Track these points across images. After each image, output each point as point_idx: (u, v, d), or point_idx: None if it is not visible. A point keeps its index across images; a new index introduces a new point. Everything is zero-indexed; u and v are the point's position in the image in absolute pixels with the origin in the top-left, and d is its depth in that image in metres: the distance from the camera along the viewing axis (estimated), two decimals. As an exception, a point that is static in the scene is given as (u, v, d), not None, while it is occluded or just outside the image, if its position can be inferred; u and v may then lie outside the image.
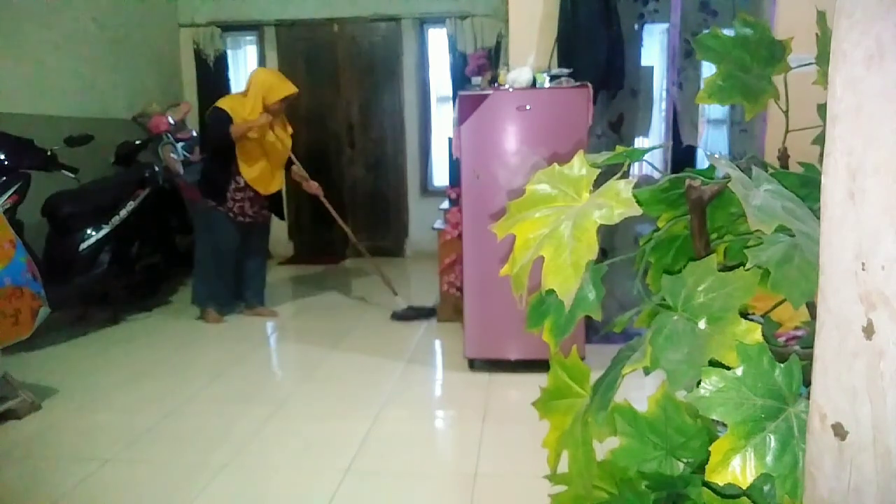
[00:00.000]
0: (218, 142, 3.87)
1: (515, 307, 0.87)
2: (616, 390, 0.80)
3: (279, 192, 4.23)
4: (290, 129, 4.16)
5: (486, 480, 2.26)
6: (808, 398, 0.61)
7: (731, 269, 0.75)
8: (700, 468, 0.79)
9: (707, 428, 0.86)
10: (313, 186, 4.24)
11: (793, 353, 0.69)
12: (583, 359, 0.96)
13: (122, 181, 4.33)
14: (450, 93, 5.86)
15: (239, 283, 4.28)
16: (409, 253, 6.38)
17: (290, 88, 3.93)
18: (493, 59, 5.49)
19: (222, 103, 3.86)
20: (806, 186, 0.86)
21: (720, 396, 0.66)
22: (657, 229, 0.94)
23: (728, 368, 0.68)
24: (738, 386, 0.67)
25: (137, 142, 4.76)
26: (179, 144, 5.18)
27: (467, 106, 3.04)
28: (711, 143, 5.08)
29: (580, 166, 0.79)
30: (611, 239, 3.98)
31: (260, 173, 3.98)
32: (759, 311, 0.91)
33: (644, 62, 4.76)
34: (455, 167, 3.65)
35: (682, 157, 4.41)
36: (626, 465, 0.89)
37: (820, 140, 0.93)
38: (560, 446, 0.93)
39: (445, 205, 4.35)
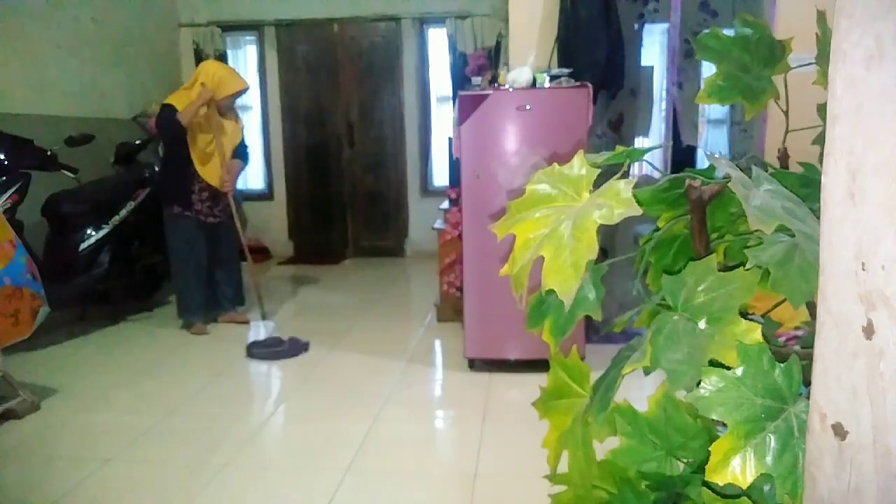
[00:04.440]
0: (169, 133, 3.73)
1: (515, 307, 0.87)
2: (616, 390, 0.80)
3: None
4: (241, 124, 4.08)
5: (486, 480, 2.26)
6: (808, 398, 0.61)
7: (731, 269, 0.75)
8: (700, 468, 0.79)
9: (707, 428, 0.86)
10: (227, 184, 3.91)
11: (793, 353, 0.69)
12: (583, 359, 0.96)
13: (122, 181, 4.33)
14: (450, 93, 5.86)
15: (214, 290, 4.11)
16: (409, 253, 6.38)
17: (240, 84, 3.83)
18: (493, 59, 5.49)
19: (170, 100, 3.74)
20: (806, 186, 0.86)
21: (720, 396, 0.66)
22: (657, 229, 0.94)
23: (728, 368, 0.68)
24: (738, 386, 0.67)
25: (137, 142, 4.76)
26: (179, 144, 5.18)
27: (467, 106, 3.04)
28: (711, 143, 5.08)
29: (580, 166, 0.79)
30: (611, 239, 3.98)
31: (215, 169, 3.86)
32: (759, 311, 0.91)
33: (644, 62, 4.76)
34: (455, 167, 3.65)
35: (682, 157, 4.41)
36: (626, 465, 0.89)
37: (820, 140, 0.93)
38: (560, 446, 0.93)
39: (445, 205, 4.35)
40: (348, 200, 6.38)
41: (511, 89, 3.08)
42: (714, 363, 0.69)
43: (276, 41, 6.15)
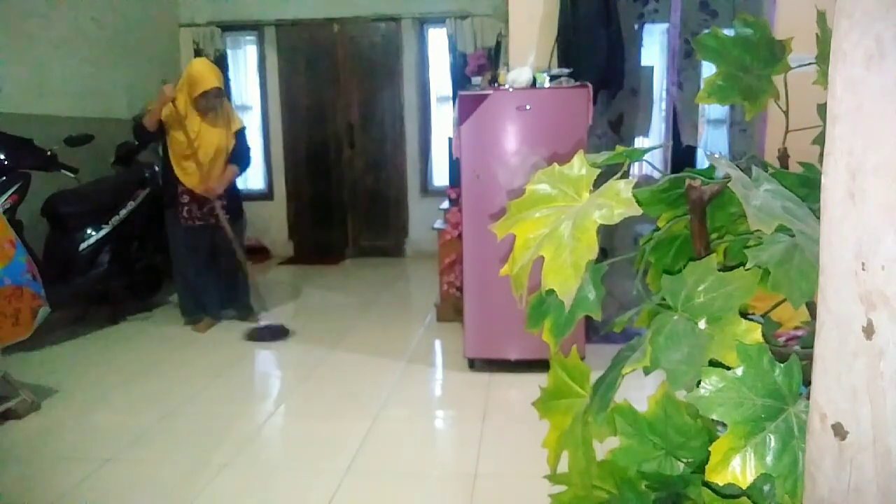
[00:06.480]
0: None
1: (515, 307, 0.87)
2: (616, 390, 0.80)
3: (235, 192, 4.02)
4: (235, 125, 3.88)
5: (486, 480, 2.26)
6: (808, 398, 0.61)
7: (731, 269, 0.75)
8: (700, 468, 0.79)
9: (707, 428, 0.86)
10: (212, 191, 3.77)
11: (793, 353, 0.69)
12: (583, 359, 0.96)
13: (122, 181, 4.33)
14: (450, 93, 5.86)
15: (222, 294, 4.12)
16: (409, 253, 6.38)
17: (207, 84, 3.60)
18: (493, 59, 5.49)
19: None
20: (806, 186, 0.86)
21: (720, 396, 0.66)
22: (657, 229, 0.94)
23: (728, 368, 0.68)
24: (738, 386, 0.67)
25: (137, 142, 4.75)
26: (179, 144, 5.18)
27: (467, 106, 3.04)
28: (711, 143, 5.09)
29: (580, 166, 0.79)
30: (611, 239, 3.98)
31: (193, 173, 3.75)
32: (759, 311, 0.91)
33: (644, 62, 4.77)
34: (455, 167, 3.65)
35: (682, 157, 4.41)
36: (626, 465, 0.89)
37: (820, 140, 0.93)
38: (560, 446, 0.93)
39: (445, 205, 4.35)
40: (348, 200, 6.38)
41: (511, 89, 3.08)
42: (714, 363, 0.69)
43: (276, 41, 6.15)
